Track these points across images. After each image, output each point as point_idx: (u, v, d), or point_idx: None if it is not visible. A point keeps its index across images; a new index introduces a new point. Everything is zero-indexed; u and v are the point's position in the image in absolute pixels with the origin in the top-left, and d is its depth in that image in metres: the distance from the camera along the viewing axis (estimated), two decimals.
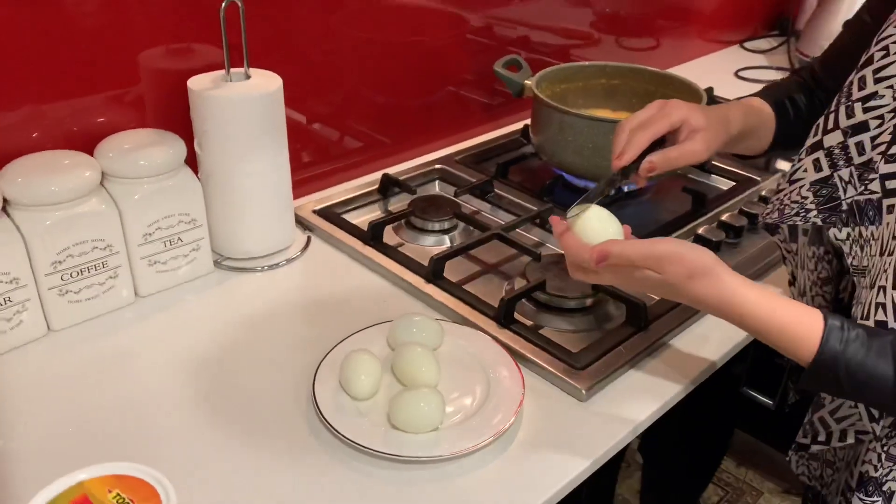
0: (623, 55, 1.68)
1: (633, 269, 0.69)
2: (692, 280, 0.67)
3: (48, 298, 0.83)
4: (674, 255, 0.67)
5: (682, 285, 0.68)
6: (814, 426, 0.76)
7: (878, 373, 0.63)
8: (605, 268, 0.70)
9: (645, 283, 0.70)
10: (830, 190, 0.75)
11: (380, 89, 1.22)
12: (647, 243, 0.68)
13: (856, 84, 0.73)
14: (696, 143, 0.79)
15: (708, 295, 0.68)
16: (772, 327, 0.66)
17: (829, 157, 0.75)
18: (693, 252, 0.68)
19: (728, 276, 0.68)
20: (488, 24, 1.35)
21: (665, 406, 0.78)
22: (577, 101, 1.27)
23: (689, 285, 0.67)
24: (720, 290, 0.67)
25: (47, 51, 0.86)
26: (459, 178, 1.19)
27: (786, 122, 0.91)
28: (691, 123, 0.79)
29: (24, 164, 0.83)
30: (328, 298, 0.93)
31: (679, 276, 0.67)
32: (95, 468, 0.46)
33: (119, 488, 0.45)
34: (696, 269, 0.67)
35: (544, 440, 0.73)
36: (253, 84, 0.92)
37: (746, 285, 0.68)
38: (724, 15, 1.89)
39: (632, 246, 0.68)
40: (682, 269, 0.67)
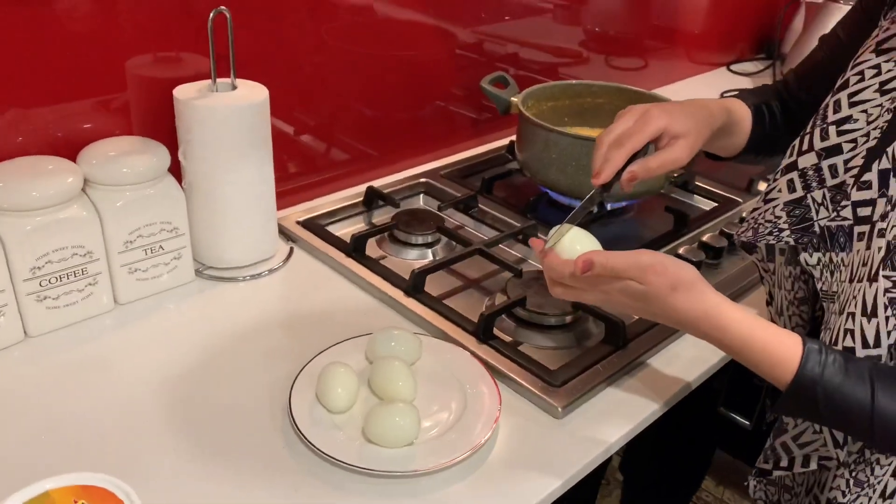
0: (612, 74, 1.70)
1: (616, 281, 0.69)
2: (675, 292, 0.68)
3: (26, 304, 0.83)
4: (657, 266, 0.68)
5: (664, 297, 0.68)
6: (776, 451, 0.77)
7: (855, 398, 0.63)
8: (587, 281, 0.70)
9: (626, 296, 0.70)
10: (803, 211, 0.76)
11: (368, 102, 1.23)
12: (631, 254, 0.69)
13: (831, 107, 0.75)
14: (676, 150, 0.79)
15: (689, 309, 0.68)
16: (752, 346, 0.67)
17: (803, 178, 0.76)
18: (676, 265, 0.69)
19: (710, 292, 0.69)
20: (478, 40, 1.36)
21: (639, 426, 0.79)
22: (563, 119, 1.28)
23: (671, 297, 0.68)
24: (702, 304, 0.68)
25: (35, 55, 0.86)
26: (444, 192, 1.20)
27: (761, 127, 0.92)
28: (671, 131, 0.79)
29: (6, 168, 0.83)
30: (309, 310, 0.93)
31: (662, 288, 0.68)
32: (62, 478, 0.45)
33: (85, 498, 0.45)
34: (678, 281, 0.68)
35: (519, 457, 0.74)
36: (239, 95, 0.92)
37: (728, 303, 0.68)
38: (712, 37, 1.91)
39: (616, 256, 0.69)
40: (665, 281, 0.67)
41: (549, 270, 0.73)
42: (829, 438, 0.71)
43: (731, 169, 1.35)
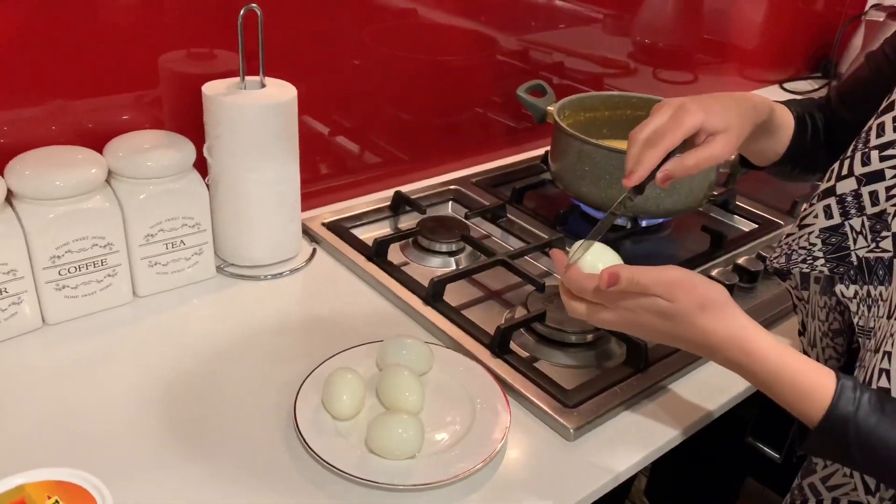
0: (659, 87, 1.66)
1: (642, 297, 0.66)
2: (703, 312, 0.64)
3: (45, 292, 0.84)
4: (686, 283, 0.64)
5: (692, 317, 0.64)
6: (803, 491, 0.73)
7: (891, 440, 0.59)
8: (610, 296, 0.67)
9: (651, 314, 0.66)
10: (840, 239, 0.72)
11: (405, 106, 1.22)
12: (658, 269, 0.65)
13: (874, 130, 0.70)
14: (714, 147, 0.74)
15: (717, 330, 0.64)
16: (780, 377, 0.63)
17: (841, 205, 0.71)
18: (705, 283, 0.65)
19: (740, 315, 0.65)
20: (523, 47, 1.34)
21: (654, 454, 0.75)
22: (602, 130, 1.25)
23: (699, 317, 0.64)
24: (731, 327, 0.64)
25: (72, 47, 0.87)
26: (473, 200, 1.18)
27: (803, 137, 0.87)
28: (709, 127, 0.74)
29: (32, 157, 0.83)
30: (325, 313, 0.92)
31: (690, 306, 0.64)
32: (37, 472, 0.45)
33: (59, 494, 0.44)
34: (708, 300, 0.64)
35: (524, 479, 0.71)
36: (267, 93, 0.92)
37: (758, 329, 0.64)
38: (766, 53, 1.85)
39: (642, 271, 0.65)
40: (694, 299, 0.64)
41: (571, 284, 0.70)
42: (861, 483, 0.66)
43: (774, 190, 1.30)
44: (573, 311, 0.71)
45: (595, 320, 0.70)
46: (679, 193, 1.07)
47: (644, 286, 0.65)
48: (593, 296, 0.69)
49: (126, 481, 0.67)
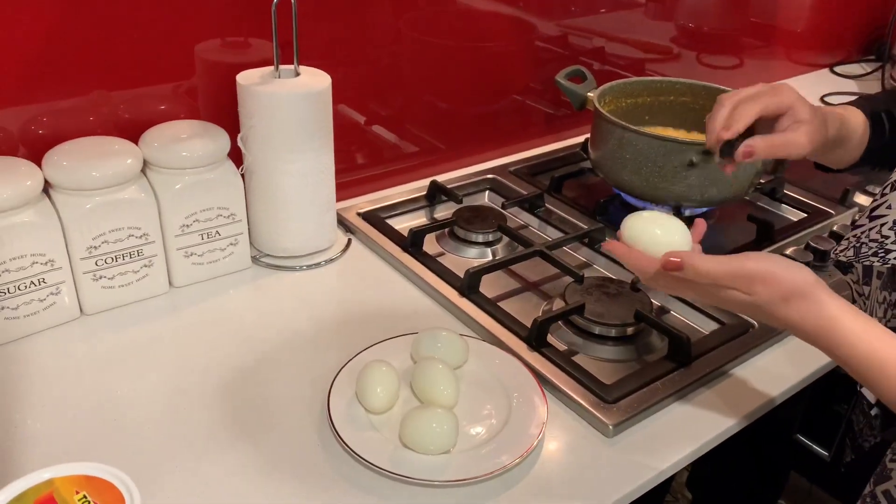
0: (703, 73, 1.61)
1: (715, 288, 0.62)
2: (787, 303, 0.61)
3: (82, 282, 0.84)
4: (766, 275, 0.61)
5: (775, 308, 0.61)
6: (876, 498, 0.69)
7: None
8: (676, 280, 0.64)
9: (730, 304, 0.64)
10: None
11: (441, 94, 1.20)
12: (733, 260, 0.62)
13: None
14: (800, 134, 0.72)
15: (804, 320, 0.61)
16: (869, 364, 0.59)
17: None
18: (789, 271, 0.61)
19: (829, 299, 0.61)
20: (562, 33, 1.31)
21: (696, 453, 0.73)
22: (644, 117, 1.22)
23: (782, 308, 0.61)
24: (818, 315, 0.61)
25: (109, 38, 0.87)
26: (510, 189, 1.16)
27: (880, 137, 0.83)
28: (797, 113, 0.73)
29: (69, 148, 0.84)
30: (361, 304, 0.91)
31: (771, 298, 0.61)
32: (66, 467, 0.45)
33: (87, 489, 0.44)
34: (792, 290, 0.60)
35: (559, 477, 0.69)
36: (300, 82, 0.91)
37: (850, 313, 0.61)
38: (816, 36, 1.79)
39: (712, 262, 0.62)
40: (777, 291, 0.60)
41: (632, 267, 0.67)
42: None
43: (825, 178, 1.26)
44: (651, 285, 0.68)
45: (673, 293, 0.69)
46: (724, 181, 1.03)
47: (715, 278, 0.62)
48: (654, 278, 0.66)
49: (158, 472, 0.67)
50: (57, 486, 0.44)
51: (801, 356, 0.86)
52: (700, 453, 0.73)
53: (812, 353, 0.85)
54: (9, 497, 0.43)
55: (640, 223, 0.68)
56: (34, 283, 0.81)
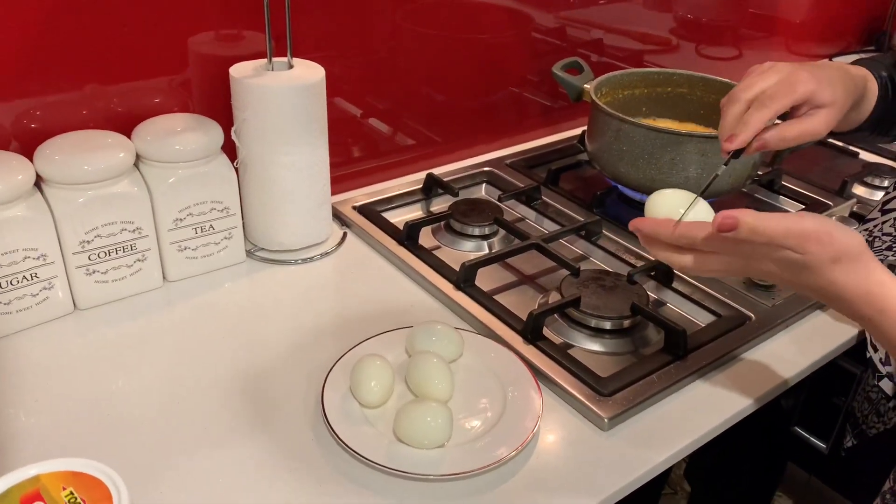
0: (701, 64, 1.60)
1: (768, 248, 0.60)
2: (836, 264, 0.59)
3: (75, 277, 0.84)
4: (823, 235, 0.58)
5: (824, 270, 0.59)
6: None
7: None
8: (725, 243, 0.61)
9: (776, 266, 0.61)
10: None
11: (438, 87, 1.19)
12: (788, 218, 0.59)
13: None
14: (817, 121, 0.70)
15: (849, 283, 0.59)
16: None
17: None
18: (843, 233, 0.59)
19: (877, 266, 0.60)
20: (560, 24, 1.30)
21: (690, 447, 0.72)
22: (641, 108, 1.21)
23: (831, 271, 0.59)
24: (866, 280, 0.59)
25: (102, 31, 0.86)
26: (507, 182, 1.15)
27: (884, 103, 0.81)
28: (817, 99, 0.70)
29: (60, 142, 0.83)
30: (356, 298, 0.91)
31: (823, 258, 0.59)
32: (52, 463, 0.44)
33: (74, 485, 0.43)
34: (844, 251, 0.58)
35: (555, 470, 0.69)
36: (294, 74, 0.90)
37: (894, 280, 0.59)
38: (815, 27, 1.78)
39: (769, 218, 0.59)
40: (829, 251, 0.58)
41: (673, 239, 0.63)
42: None
43: (823, 169, 1.25)
44: (678, 264, 0.65)
45: (703, 271, 0.64)
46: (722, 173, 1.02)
47: (770, 237, 0.59)
48: (704, 244, 0.62)
49: (152, 467, 0.67)
50: (43, 482, 0.43)
51: (797, 349, 0.85)
52: (696, 446, 0.73)
53: (809, 346, 0.85)
54: None
55: (664, 200, 0.67)
56: (27, 278, 0.80)
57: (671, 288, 0.94)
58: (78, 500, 0.43)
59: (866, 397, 0.88)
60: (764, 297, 0.91)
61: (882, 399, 0.85)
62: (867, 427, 0.88)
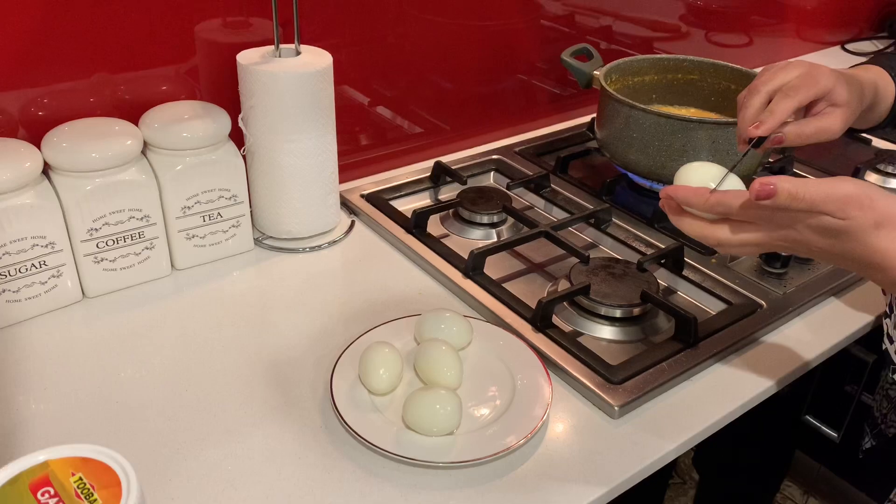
0: (712, 51, 1.59)
1: (807, 215, 0.58)
2: (878, 229, 0.57)
3: (83, 265, 0.84)
4: (864, 199, 0.57)
5: (865, 235, 0.57)
6: None
7: None
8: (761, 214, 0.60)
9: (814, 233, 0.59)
10: None
11: (447, 75, 1.19)
12: (828, 182, 0.57)
13: None
14: (834, 119, 0.71)
15: (891, 249, 0.57)
16: None
17: None
18: (886, 198, 0.58)
19: None
20: (568, 11, 1.29)
21: (701, 435, 0.72)
22: (651, 95, 1.20)
23: (872, 235, 0.57)
24: None
25: (108, 18, 0.86)
26: (516, 170, 1.14)
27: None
28: (834, 97, 0.72)
29: (69, 129, 0.83)
30: (364, 286, 0.91)
31: (865, 223, 0.57)
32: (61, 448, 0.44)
33: (83, 471, 0.43)
34: (886, 217, 0.57)
35: (564, 458, 0.68)
36: (301, 61, 0.90)
37: None
38: (827, 13, 1.76)
39: (808, 184, 0.57)
40: (872, 216, 0.57)
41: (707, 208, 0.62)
42: None
43: (834, 156, 1.24)
44: (713, 238, 0.63)
45: (738, 244, 0.62)
46: (731, 161, 1.01)
47: (811, 202, 0.57)
48: (739, 213, 0.60)
49: (160, 454, 0.67)
50: (52, 468, 0.43)
51: (810, 336, 0.85)
52: (706, 435, 0.72)
53: (821, 333, 0.85)
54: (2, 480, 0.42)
55: (694, 174, 0.65)
56: (35, 266, 0.80)
57: (681, 276, 0.93)
58: (87, 485, 0.42)
59: (885, 395, 0.87)
60: (776, 284, 0.90)
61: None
62: (886, 426, 0.87)
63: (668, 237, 0.98)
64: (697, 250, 0.95)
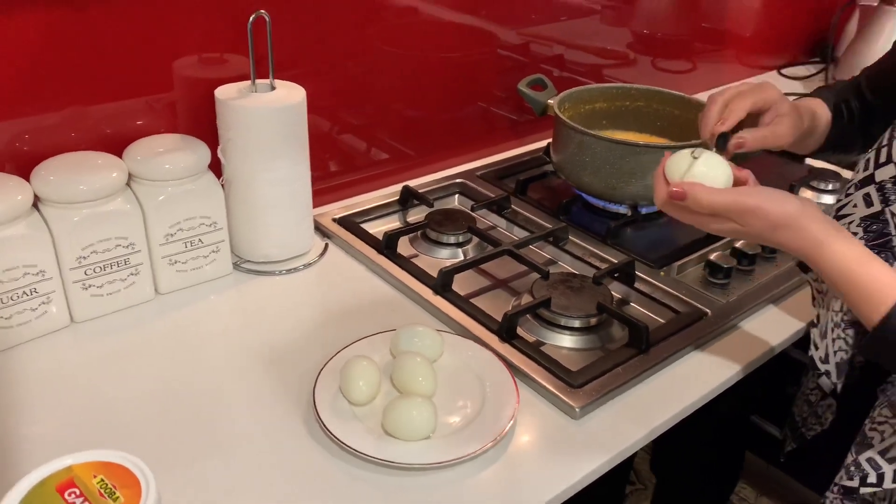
0: (658, 77, 1.69)
1: (714, 219, 0.71)
2: (776, 231, 0.69)
3: (72, 291, 0.88)
4: (756, 209, 0.69)
5: (767, 236, 0.70)
6: (860, 467, 0.75)
7: None
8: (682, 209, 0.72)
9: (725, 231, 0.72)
10: (881, 226, 0.75)
11: (409, 103, 1.25)
12: (731, 193, 0.70)
13: None
14: (784, 127, 0.82)
15: (790, 245, 0.70)
16: (847, 283, 0.68)
17: (881, 192, 0.75)
18: (776, 205, 0.69)
19: (815, 225, 0.69)
20: (523, 41, 1.37)
21: (655, 432, 0.79)
22: (602, 122, 1.28)
23: (773, 236, 0.70)
24: (804, 241, 0.69)
25: (89, 55, 0.91)
26: (478, 192, 1.21)
27: (840, 125, 0.92)
28: (779, 108, 0.82)
29: (56, 163, 0.87)
30: (339, 305, 0.96)
31: (762, 229, 0.70)
32: (84, 454, 0.49)
33: (104, 474, 0.48)
34: (778, 222, 0.69)
35: (533, 456, 0.75)
36: (277, 96, 0.96)
37: (832, 237, 0.68)
38: (763, 40, 1.88)
39: (715, 195, 0.70)
40: (766, 223, 0.69)
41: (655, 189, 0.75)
42: None
43: (772, 175, 1.33)
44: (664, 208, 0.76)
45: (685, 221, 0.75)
46: None
47: (713, 209, 0.70)
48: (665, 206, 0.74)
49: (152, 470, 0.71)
50: (75, 471, 0.48)
51: (750, 341, 0.93)
52: (660, 431, 0.79)
53: (760, 337, 0.93)
54: (31, 483, 0.47)
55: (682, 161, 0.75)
56: (26, 294, 0.84)
57: (633, 288, 1.01)
58: (109, 485, 0.47)
59: (806, 400, 0.96)
60: (720, 294, 0.99)
61: (820, 401, 0.93)
62: (806, 430, 0.96)
63: (621, 253, 1.06)
64: (647, 264, 1.03)
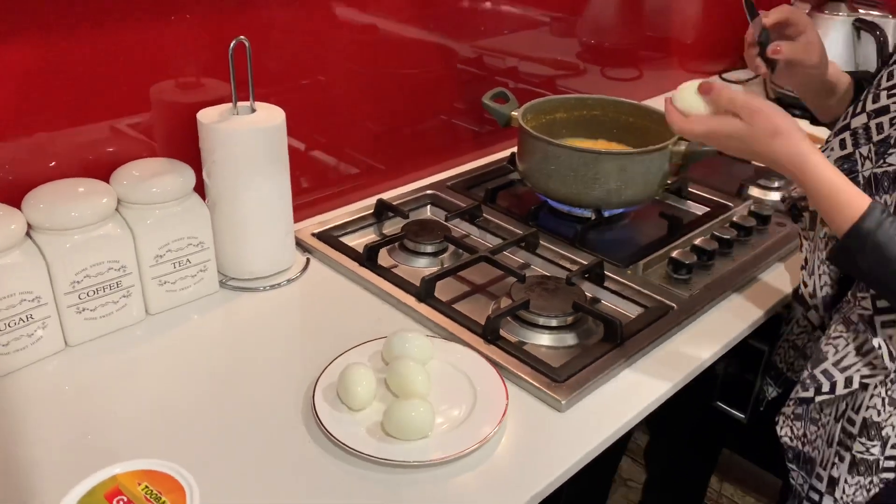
0: (607, 85, 1.76)
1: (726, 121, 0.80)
2: (774, 137, 0.79)
3: (66, 315, 0.90)
4: (764, 112, 0.79)
5: (765, 140, 0.79)
6: (816, 379, 0.85)
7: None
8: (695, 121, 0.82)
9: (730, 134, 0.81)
10: (851, 164, 0.87)
11: (376, 119, 1.30)
12: (749, 95, 0.80)
13: (885, 76, 0.85)
14: (815, 47, 0.91)
15: (783, 152, 0.79)
16: (826, 192, 0.77)
17: (854, 137, 0.87)
18: (778, 113, 0.79)
19: (804, 141, 0.79)
20: (478, 54, 1.42)
21: (635, 419, 0.85)
22: (562, 130, 1.35)
23: (771, 141, 0.79)
24: (796, 149, 0.78)
25: (66, 83, 0.93)
26: (450, 203, 1.26)
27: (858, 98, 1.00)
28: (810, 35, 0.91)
29: (46, 191, 0.89)
30: (326, 316, 1.00)
31: (764, 132, 0.79)
32: (129, 463, 0.52)
33: (148, 481, 0.51)
34: (779, 128, 0.78)
35: (525, 448, 0.80)
36: (258, 117, 0.99)
37: (816, 153, 0.79)
38: (704, 46, 1.98)
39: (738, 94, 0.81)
40: (768, 126, 0.79)
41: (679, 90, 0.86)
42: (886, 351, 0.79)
43: (722, 175, 1.42)
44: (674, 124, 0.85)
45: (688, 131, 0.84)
46: (637, 185, 1.17)
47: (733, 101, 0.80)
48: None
49: None
50: (120, 480, 0.51)
51: (716, 329, 1.00)
52: (640, 417, 0.86)
53: (725, 327, 1.00)
54: (81, 493, 0.50)
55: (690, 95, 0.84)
56: (22, 320, 0.86)
57: (604, 287, 1.07)
58: (154, 491, 0.50)
59: (792, 345, 1.04)
60: (683, 288, 1.05)
61: (809, 343, 1.00)
62: (792, 373, 1.03)
63: (589, 254, 1.12)
64: (615, 264, 1.09)
